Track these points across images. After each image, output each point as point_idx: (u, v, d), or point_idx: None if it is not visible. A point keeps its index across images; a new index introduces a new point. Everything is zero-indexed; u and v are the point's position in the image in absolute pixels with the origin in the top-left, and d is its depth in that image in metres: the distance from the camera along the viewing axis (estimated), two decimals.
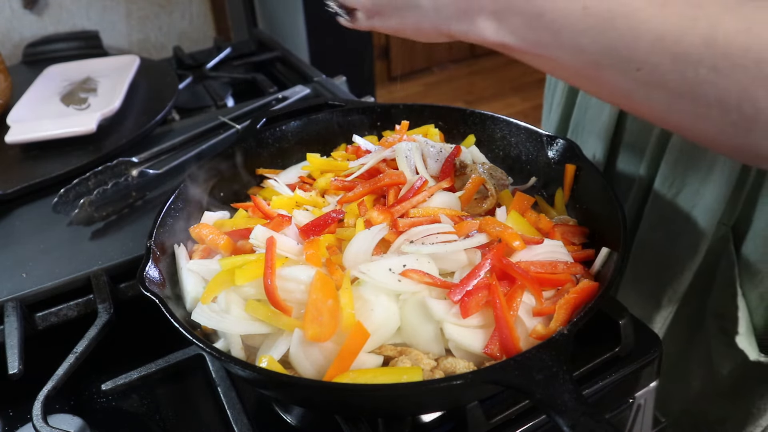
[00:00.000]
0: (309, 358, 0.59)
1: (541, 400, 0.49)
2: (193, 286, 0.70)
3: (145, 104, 1.22)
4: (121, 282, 0.83)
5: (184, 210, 0.78)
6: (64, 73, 1.32)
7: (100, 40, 1.61)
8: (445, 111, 0.95)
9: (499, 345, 0.59)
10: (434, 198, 0.76)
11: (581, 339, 0.68)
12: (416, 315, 0.62)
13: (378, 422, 0.65)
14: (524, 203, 0.77)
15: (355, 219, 0.73)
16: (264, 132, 0.93)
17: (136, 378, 0.74)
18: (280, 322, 0.62)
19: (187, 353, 0.75)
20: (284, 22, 2.23)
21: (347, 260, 0.68)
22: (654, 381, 0.77)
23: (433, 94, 3.67)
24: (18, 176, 1.01)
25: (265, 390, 0.67)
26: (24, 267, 0.84)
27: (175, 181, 0.98)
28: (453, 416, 0.66)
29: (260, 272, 0.64)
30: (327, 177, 0.85)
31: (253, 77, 1.42)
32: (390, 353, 0.61)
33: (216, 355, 0.56)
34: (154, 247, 0.69)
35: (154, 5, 1.78)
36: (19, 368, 0.71)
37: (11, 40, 1.62)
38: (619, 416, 0.77)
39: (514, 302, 0.62)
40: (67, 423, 0.70)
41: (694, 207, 0.81)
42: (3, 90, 1.21)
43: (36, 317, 0.80)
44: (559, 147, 0.82)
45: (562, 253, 0.70)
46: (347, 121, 0.97)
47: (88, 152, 1.06)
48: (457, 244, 0.67)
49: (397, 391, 0.54)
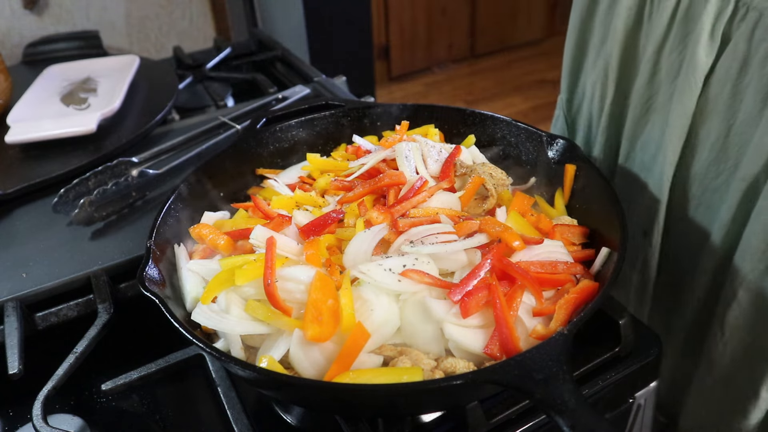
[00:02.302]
0: (309, 358, 0.59)
1: (541, 400, 0.49)
2: (193, 286, 0.70)
3: (145, 104, 1.22)
4: (121, 282, 0.83)
5: (184, 210, 0.78)
6: (64, 73, 1.31)
7: (100, 40, 1.61)
8: (445, 111, 0.95)
9: (499, 345, 0.59)
10: (434, 198, 0.76)
11: (581, 339, 0.68)
12: (416, 315, 0.62)
13: (378, 422, 0.65)
14: (524, 203, 0.77)
15: (355, 219, 0.73)
16: (264, 132, 0.93)
17: (136, 378, 0.74)
18: (280, 322, 0.62)
19: (187, 353, 0.75)
20: (284, 22, 2.23)
21: (347, 260, 0.68)
22: (654, 381, 0.77)
23: (433, 94, 3.66)
24: (18, 176, 1.01)
25: (265, 390, 0.67)
26: (24, 267, 0.84)
27: (175, 180, 0.98)
28: (453, 416, 0.66)
29: (260, 272, 0.64)
30: (327, 177, 0.85)
31: (253, 77, 1.42)
32: (390, 353, 0.61)
33: (216, 355, 0.56)
34: (154, 247, 0.69)
35: (154, 5, 1.79)
36: (19, 368, 0.70)
37: (11, 40, 1.62)
38: (619, 416, 0.77)
39: (514, 302, 0.62)
40: (67, 423, 0.70)
41: None
42: (3, 90, 1.21)
43: (36, 317, 0.80)
44: (559, 147, 0.82)
45: (562, 253, 0.70)
46: (347, 121, 0.97)
47: (88, 152, 1.06)
48: (457, 244, 0.67)
49: (397, 391, 0.54)
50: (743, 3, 0.68)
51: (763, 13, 0.66)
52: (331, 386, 0.56)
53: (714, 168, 0.78)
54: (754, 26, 0.67)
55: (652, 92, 0.84)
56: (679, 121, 0.78)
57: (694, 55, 0.74)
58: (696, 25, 0.74)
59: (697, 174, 0.80)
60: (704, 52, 0.73)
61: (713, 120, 0.76)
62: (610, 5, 0.88)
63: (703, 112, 0.77)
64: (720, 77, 0.73)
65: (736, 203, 0.75)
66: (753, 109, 0.70)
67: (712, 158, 0.78)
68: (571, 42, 0.98)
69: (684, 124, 0.78)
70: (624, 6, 0.83)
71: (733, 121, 0.73)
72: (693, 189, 0.82)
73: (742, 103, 0.72)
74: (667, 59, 0.80)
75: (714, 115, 0.76)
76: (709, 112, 0.76)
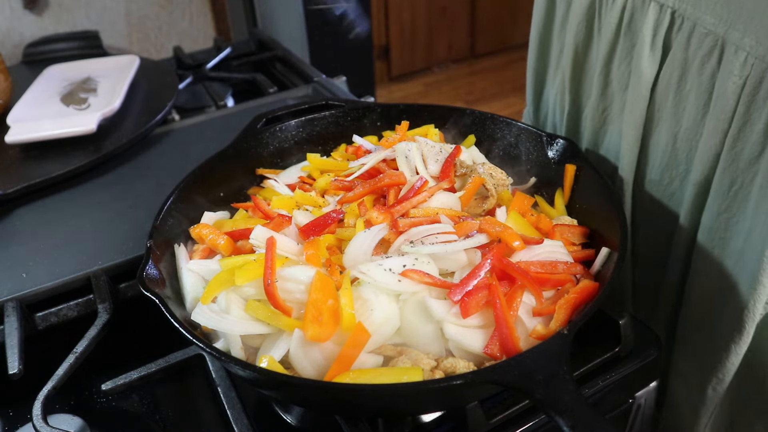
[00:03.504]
0: (309, 358, 0.59)
1: (541, 400, 0.49)
2: (193, 286, 0.70)
3: (145, 104, 1.22)
4: (121, 282, 0.83)
5: (184, 210, 0.78)
6: (64, 73, 1.31)
7: (100, 40, 1.61)
8: (445, 111, 0.95)
9: (499, 345, 0.59)
10: (434, 198, 0.76)
11: (581, 339, 0.68)
12: (416, 315, 0.62)
13: (378, 422, 0.65)
14: (524, 203, 0.77)
15: (355, 219, 0.73)
16: (264, 132, 0.93)
17: (136, 378, 0.74)
18: (280, 322, 0.62)
19: (187, 353, 0.75)
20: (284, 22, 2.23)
21: (347, 260, 0.68)
22: (654, 381, 0.77)
23: (433, 94, 3.66)
24: (18, 176, 1.01)
25: (265, 390, 0.67)
26: (24, 267, 0.84)
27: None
28: (453, 416, 0.66)
29: (260, 272, 0.64)
30: (327, 177, 0.85)
31: (253, 77, 1.41)
32: (390, 353, 0.61)
33: (216, 355, 0.56)
34: (154, 247, 0.69)
35: (154, 5, 1.79)
36: (19, 368, 0.71)
37: (11, 40, 1.62)
38: (619, 416, 0.77)
39: (514, 302, 0.62)
40: (67, 423, 0.70)
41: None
42: (3, 90, 1.21)
43: (36, 317, 0.80)
44: (559, 147, 0.82)
45: (562, 253, 0.70)
46: (347, 121, 0.97)
47: (88, 152, 1.06)
48: (457, 244, 0.67)
49: (397, 391, 0.54)
50: (678, 14, 0.71)
51: (696, 23, 0.68)
52: (331, 386, 0.56)
53: (667, 174, 0.80)
54: (689, 35, 0.70)
55: (606, 104, 0.87)
56: (632, 131, 0.81)
57: (639, 66, 0.76)
58: (638, 37, 0.76)
59: (653, 180, 0.83)
60: (647, 63, 0.76)
61: (661, 128, 0.78)
62: (563, 20, 0.91)
63: (652, 120, 0.79)
64: (663, 86, 0.76)
65: (689, 207, 0.77)
66: (696, 116, 0.73)
67: (664, 164, 0.80)
68: (533, 55, 1.01)
69: (636, 133, 0.80)
70: (574, 21, 0.86)
71: (678, 128, 0.76)
72: (652, 194, 0.84)
73: (685, 111, 0.74)
74: (617, 71, 0.82)
75: (662, 123, 0.78)
76: (657, 120, 0.79)
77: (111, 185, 1.03)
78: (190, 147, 1.13)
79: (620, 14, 0.78)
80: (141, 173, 1.06)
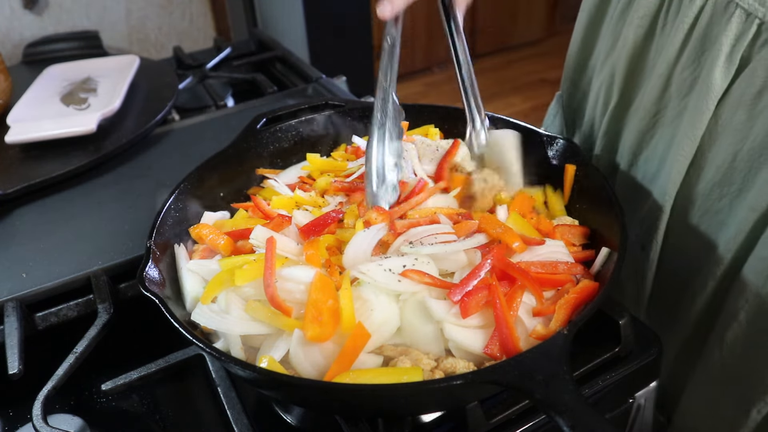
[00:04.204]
0: (309, 358, 0.59)
1: (541, 400, 0.49)
2: (193, 286, 0.70)
3: (145, 104, 1.22)
4: (121, 282, 0.83)
5: (184, 210, 0.78)
6: (64, 73, 1.31)
7: (100, 40, 1.61)
8: (445, 111, 0.95)
9: (499, 345, 0.59)
10: (430, 199, 0.76)
11: (581, 339, 0.68)
12: (416, 315, 0.62)
13: (378, 422, 0.65)
14: (525, 203, 0.77)
15: (354, 220, 0.73)
16: (264, 132, 0.93)
17: (136, 378, 0.73)
18: (280, 322, 0.62)
19: (187, 353, 0.75)
20: (284, 22, 2.23)
21: (347, 260, 0.68)
22: (654, 381, 0.77)
23: (433, 94, 3.66)
24: (18, 176, 1.01)
25: (265, 390, 0.67)
26: (24, 267, 0.84)
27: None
28: (453, 416, 0.66)
29: (260, 272, 0.64)
30: (327, 177, 0.85)
31: (253, 77, 1.41)
32: (390, 353, 0.61)
33: (216, 355, 0.56)
34: (154, 247, 0.69)
35: (154, 5, 1.79)
36: (19, 368, 0.70)
37: (11, 40, 1.62)
38: (619, 416, 0.77)
39: (514, 302, 0.62)
40: (67, 423, 0.70)
41: None
42: (3, 90, 1.21)
43: (36, 317, 0.80)
44: (559, 147, 0.82)
45: (563, 254, 0.70)
46: (347, 121, 0.96)
47: (88, 152, 1.06)
48: (456, 244, 0.67)
49: (397, 391, 0.54)
50: (767, 26, 0.64)
51: None
52: (331, 386, 0.56)
53: (717, 190, 0.76)
54: None
55: (660, 107, 0.81)
56: (688, 141, 0.76)
57: (710, 77, 0.71)
58: (713, 45, 0.70)
59: (700, 194, 0.78)
60: (720, 74, 0.70)
61: (721, 143, 0.73)
62: (622, 12, 0.86)
63: (712, 133, 0.74)
64: (734, 101, 0.70)
65: (746, 229, 0.73)
66: (765, 138, 0.68)
67: (716, 180, 0.75)
68: (577, 41, 0.97)
69: (692, 144, 0.75)
70: (637, 15, 0.81)
71: (741, 147, 0.71)
72: (695, 208, 0.80)
73: (752, 130, 0.69)
74: (679, 76, 0.77)
75: (723, 138, 0.73)
76: (718, 134, 0.73)
77: (111, 185, 1.03)
78: (190, 147, 1.13)
79: (696, 16, 0.72)
80: (141, 173, 1.06)
